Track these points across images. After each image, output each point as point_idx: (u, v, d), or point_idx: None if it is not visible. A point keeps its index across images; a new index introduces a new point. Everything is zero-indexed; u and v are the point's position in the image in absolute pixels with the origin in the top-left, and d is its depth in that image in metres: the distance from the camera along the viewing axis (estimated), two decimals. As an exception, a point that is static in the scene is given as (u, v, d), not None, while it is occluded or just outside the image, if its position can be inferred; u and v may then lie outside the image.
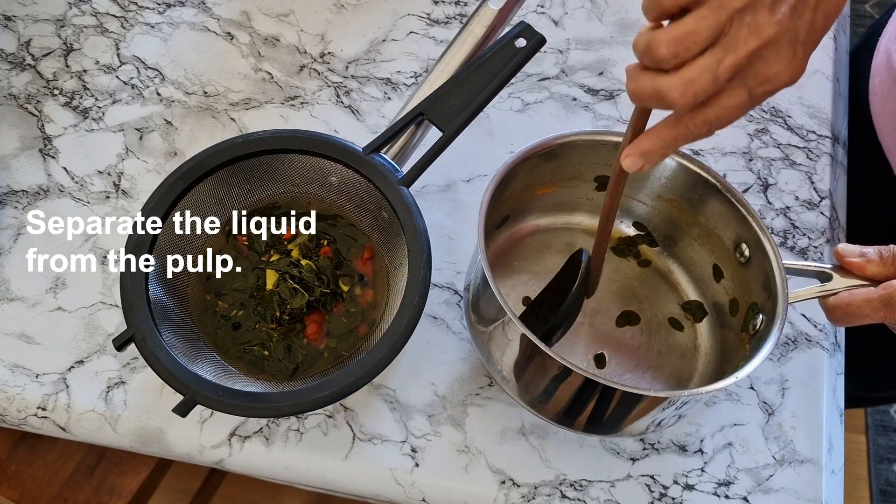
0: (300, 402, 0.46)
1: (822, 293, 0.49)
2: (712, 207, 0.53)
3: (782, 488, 0.53)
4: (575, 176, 0.56)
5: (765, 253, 0.50)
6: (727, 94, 0.37)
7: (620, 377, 0.55)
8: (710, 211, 0.54)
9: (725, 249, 0.54)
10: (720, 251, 0.55)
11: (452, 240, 0.61)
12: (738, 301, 0.53)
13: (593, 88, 0.70)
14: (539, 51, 0.52)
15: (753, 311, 0.51)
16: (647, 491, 0.53)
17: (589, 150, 0.54)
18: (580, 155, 0.54)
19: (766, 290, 0.49)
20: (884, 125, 0.66)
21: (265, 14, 0.72)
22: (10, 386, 0.54)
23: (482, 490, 0.53)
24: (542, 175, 0.55)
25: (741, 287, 0.53)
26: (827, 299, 0.49)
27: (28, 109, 0.66)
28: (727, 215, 0.52)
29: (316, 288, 0.54)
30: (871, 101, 0.68)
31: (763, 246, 0.50)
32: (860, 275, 0.48)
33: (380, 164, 0.52)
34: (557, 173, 0.56)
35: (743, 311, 0.52)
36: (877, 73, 0.68)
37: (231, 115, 0.66)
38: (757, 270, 0.51)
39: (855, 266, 0.48)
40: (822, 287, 0.49)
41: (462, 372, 0.56)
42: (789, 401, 0.57)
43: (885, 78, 0.65)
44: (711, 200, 0.53)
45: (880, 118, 0.67)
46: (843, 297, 0.47)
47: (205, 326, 0.53)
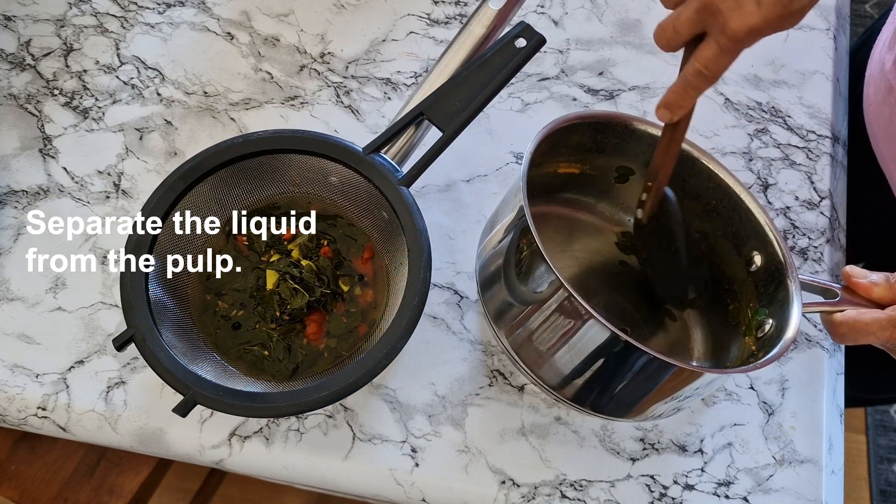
0: (300, 402, 0.46)
1: (831, 309, 0.49)
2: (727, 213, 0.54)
3: (782, 488, 0.54)
4: (599, 161, 0.57)
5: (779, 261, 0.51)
6: (704, 45, 0.44)
7: None
8: (724, 217, 0.54)
9: (733, 256, 0.54)
10: (727, 258, 0.55)
11: (452, 240, 0.61)
12: (740, 309, 0.54)
13: (593, 88, 0.70)
14: (539, 51, 0.52)
15: (758, 317, 0.51)
16: (647, 491, 0.53)
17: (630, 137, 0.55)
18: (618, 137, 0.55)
19: (774, 298, 0.50)
20: (878, 134, 0.66)
21: (265, 14, 0.72)
22: (10, 386, 0.54)
23: (482, 490, 0.53)
24: (571, 151, 0.56)
25: (746, 295, 0.53)
26: (832, 315, 0.49)
27: (28, 109, 0.66)
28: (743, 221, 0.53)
29: (316, 288, 0.54)
30: (866, 109, 0.68)
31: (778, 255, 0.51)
32: (865, 296, 0.50)
33: (380, 164, 0.52)
34: (585, 155, 0.56)
35: (746, 319, 0.53)
36: (871, 81, 0.68)
37: (231, 115, 0.66)
38: (768, 278, 0.51)
39: (861, 287, 0.50)
40: (831, 302, 0.50)
41: (462, 372, 0.56)
42: (789, 401, 0.57)
43: (879, 87, 0.65)
44: (728, 206, 0.54)
45: (874, 127, 0.67)
46: (851, 314, 0.48)
47: (205, 326, 0.53)
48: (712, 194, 0.55)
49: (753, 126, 0.69)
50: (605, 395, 0.48)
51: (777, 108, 0.70)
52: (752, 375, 0.57)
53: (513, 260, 0.49)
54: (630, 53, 0.72)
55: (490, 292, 0.51)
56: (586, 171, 0.58)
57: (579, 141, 0.55)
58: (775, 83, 0.71)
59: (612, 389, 0.47)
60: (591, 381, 0.47)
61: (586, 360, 0.46)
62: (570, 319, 0.45)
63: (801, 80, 0.71)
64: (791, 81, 0.71)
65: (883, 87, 0.64)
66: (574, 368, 0.47)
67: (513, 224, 0.49)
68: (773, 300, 0.50)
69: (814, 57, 0.73)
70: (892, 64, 0.63)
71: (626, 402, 0.48)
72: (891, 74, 0.63)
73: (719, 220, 0.55)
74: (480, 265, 0.53)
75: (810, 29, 0.75)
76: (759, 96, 0.70)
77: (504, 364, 0.57)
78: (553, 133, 0.51)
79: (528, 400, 0.55)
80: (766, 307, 0.51)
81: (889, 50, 0.65)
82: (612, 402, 0.48)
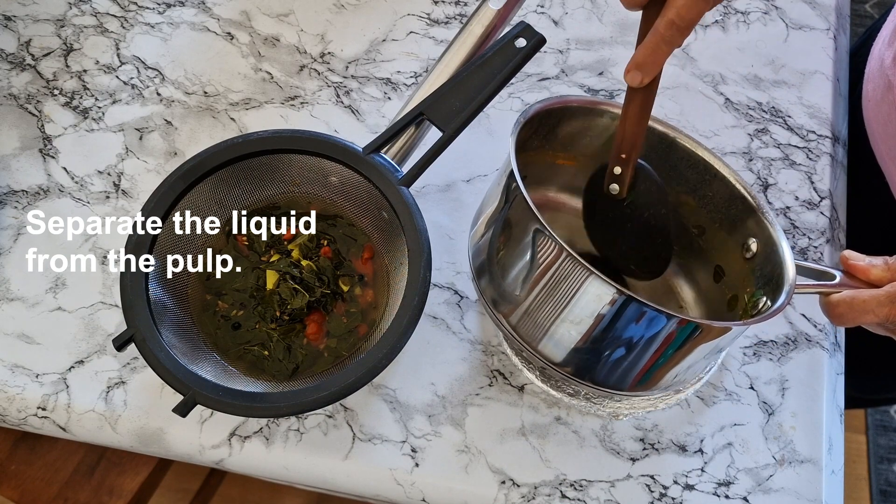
0: (300, 402, 0.46)
1: (827, 289, 0.49)
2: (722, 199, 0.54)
3: (782, 488, 0.54)
4: (596, 155, 0.56)
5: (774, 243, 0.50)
6: None
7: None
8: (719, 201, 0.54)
9: (732, 245, 0.54)
10: (725, 248, 0.55)
11: (452, 240, 0.61)
12: (737, 297, 0.53)
13: (593, 88, 0.70)
14: (539, 51, 0.52)
15: (756, 296, 0.51)
16: (647, 491, 0.53)
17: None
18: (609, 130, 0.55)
19: (771, 281, 0.50)
20: (877, 131, 0.66)
21: (265, 14, 0.72)
22: (10, 386, 0.54)
23: (482, 490, 0.53)
24: (568, 141, 0.55)
25: (744, 281, 0.53)
26: (830, 296, 0.49)
27: (28, 109, 0.66)
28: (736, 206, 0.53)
29: (316, 288, 0.54)
30: (865, 106, 0.68)
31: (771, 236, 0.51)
32: (863, 278, 0.49)
33: (380, 164, 0.52)
34: (582, 146, 0.56)
35: (743, 303, 0.52)
36: (870, 78, 0.68)
37: (231, 115, 0.66)
38: (763, 260, 0.51)
39: (859, 269, 0.49)
40: (828, 283, 0.49)
41: (462, 372, 0.56)
42: (789, 401, 0.57)
43: (878, 84, 0.65)
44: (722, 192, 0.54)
45: (873, 124, 0.67)
46: (848, 293, 0.48)
47: (205, 326, 0.53)
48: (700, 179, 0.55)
49: (753, 126, 0.69)
50: (609, 366, 0.47)
51: (777, 108, 0.70)
52: (752, 375, 0.57)
53: (503, 232, 0.48)
54: (630, 53, 0.71)
55: (484, 278, 0.50)
56: (583, 166, 0.57)
57: (572, 133, 0.55)
58: (775, 83, 0.71)
59: (617, 358, 0.46)
60: (595, 350, 0.46)
61: (590, 327, 0.45)
62: (569, 280, 0.44)
63: (801, 80, 0.71)
64: (791, 81, 0.71)
65: (882, 85, 0.64)
66: (578, 338, 0.46)
67: (502, 194, 0.48)
68: (769, 281, 0.50)
69: (814, 57, 0.73)
70: (891, 61, 0.63)
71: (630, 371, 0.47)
72: (890, 71, 0.63)
73: (713, 208, 0.55)
74: (473, 251, 0.52)
75: (810, 29, 0.75)
76: (759, 96, 0.70)
77: (504, 364, 0.57)
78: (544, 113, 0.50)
79: (528, 400, 0.55)
80: (761, 289, 0.51)
81: (889, 47, 0.65)
82: (617, 374, 0.47)
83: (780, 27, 0.75)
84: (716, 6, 0.43)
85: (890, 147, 0.64)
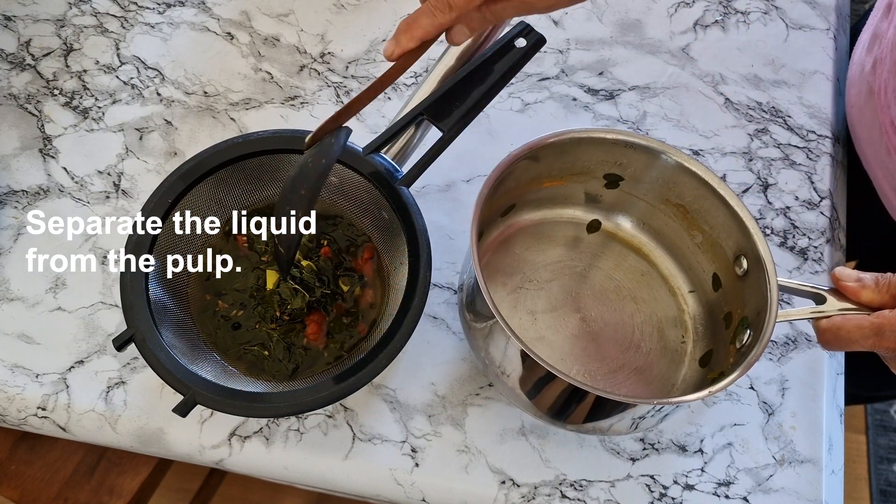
0: (300, 402, 0.46)
1: (815, 315, 0.49)
2: (716, 216, 0.54)
3: (782, 488, 0.54)
4: (584, 171, 0.56)
5: (762, 269, 0.49)
6: None
7: (607, 376, 0.54)
8: (714, 220, 0.54)
9: (726, 260, 0.54)
10: (721, 261, 0.55)
11: (452, 240, 0.61)
12: (732, 314, 0.53)
13: (593, 88, 0.70)
14: (539, 51, 0.52)
15: (743, 326, 0.51)
16: (647, 491, 0.53)
17: (597, 147, 0.54)
18: (588, 152, 0.55)
19: (758, 307, 0.49)
20: (861, 136, 0.66)
21: (265, 14, 0.72)
22: (10, 386, 0.54)
23: (482, 490, 0.53)
24: (549, 168, 0.56)
25: (736, 299, 0.53)
26: (819, 321, 0.48)
27: (28, 109, 0.66)
28: (730, 226, 0.52)
29: (316, 288, 0.54)
30: (848, 112, 0.68)
31: (762, 261, 0.50)
32: (854, 300, 0.48)
33: (380, 164, 0.52)
34: (566, 167, 0.56)
35: (734, 325, 0.52)
36: (852, 83, 0.68)
37: (231, 115, 0.66)
38: (753, 285, 0.51)
39: (850, 290, 0.48)
40: (816, 308, 0.49)
41: (462, 372, 0.56)
42: (789, 401, 0.57)
43: (860, 89, 0.65)
44: (716, 209, 0.53)
45: (857, 129, 0.66)
46: (835, 321, 0.47)
47: (205, 326, 0.53)
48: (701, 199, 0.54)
49: (753, 126, 0.69)
50: (578, 419, 0.49)
51: (777, 108, 0.70)
52: (753, 375, 0.57)
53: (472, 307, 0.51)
54: (630, 53, 0.72)
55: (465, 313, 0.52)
56: (573, 182, 0.58)
57: (551, 163, 0.55)
58: (775, 83, 0.71)
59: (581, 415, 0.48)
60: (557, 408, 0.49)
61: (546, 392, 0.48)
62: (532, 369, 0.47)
63: (801, 80, 0.71)
64: (791, 81, 0.71)
65: (864, 90, 0.64)
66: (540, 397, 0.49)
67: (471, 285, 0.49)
68: (758, 312, 0.49)
69: (814, 57, 0.73)
70: (871, 67, 0.63)
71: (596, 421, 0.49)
72: (870, 77, 0.63)
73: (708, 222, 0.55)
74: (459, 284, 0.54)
75: (810, 29, 0.75)
76: (759, 96, 0.70)
77: (504, 364, 0.57)
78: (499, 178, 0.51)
79: (528, 400, 0.55)
80: (748, 315, 0.51)
81: (868, 52, 0.65)
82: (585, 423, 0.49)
83: (780, 27, 0.75)
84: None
85: (874, 151, 0.64)
